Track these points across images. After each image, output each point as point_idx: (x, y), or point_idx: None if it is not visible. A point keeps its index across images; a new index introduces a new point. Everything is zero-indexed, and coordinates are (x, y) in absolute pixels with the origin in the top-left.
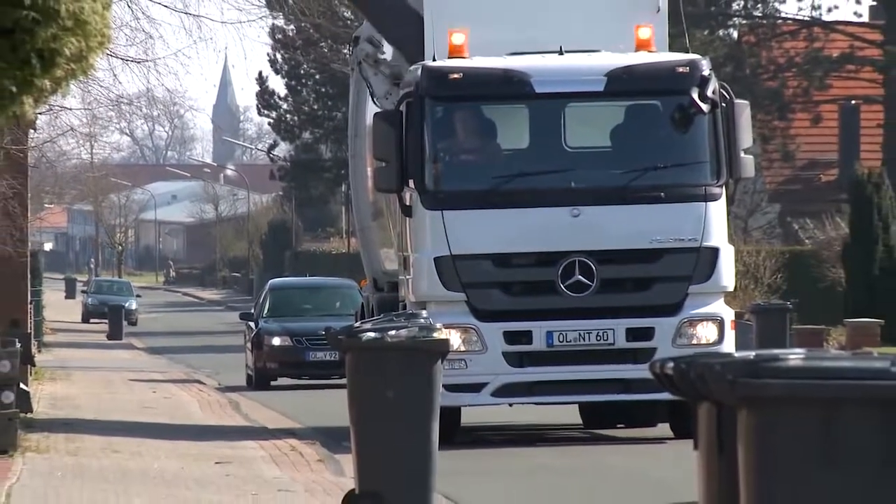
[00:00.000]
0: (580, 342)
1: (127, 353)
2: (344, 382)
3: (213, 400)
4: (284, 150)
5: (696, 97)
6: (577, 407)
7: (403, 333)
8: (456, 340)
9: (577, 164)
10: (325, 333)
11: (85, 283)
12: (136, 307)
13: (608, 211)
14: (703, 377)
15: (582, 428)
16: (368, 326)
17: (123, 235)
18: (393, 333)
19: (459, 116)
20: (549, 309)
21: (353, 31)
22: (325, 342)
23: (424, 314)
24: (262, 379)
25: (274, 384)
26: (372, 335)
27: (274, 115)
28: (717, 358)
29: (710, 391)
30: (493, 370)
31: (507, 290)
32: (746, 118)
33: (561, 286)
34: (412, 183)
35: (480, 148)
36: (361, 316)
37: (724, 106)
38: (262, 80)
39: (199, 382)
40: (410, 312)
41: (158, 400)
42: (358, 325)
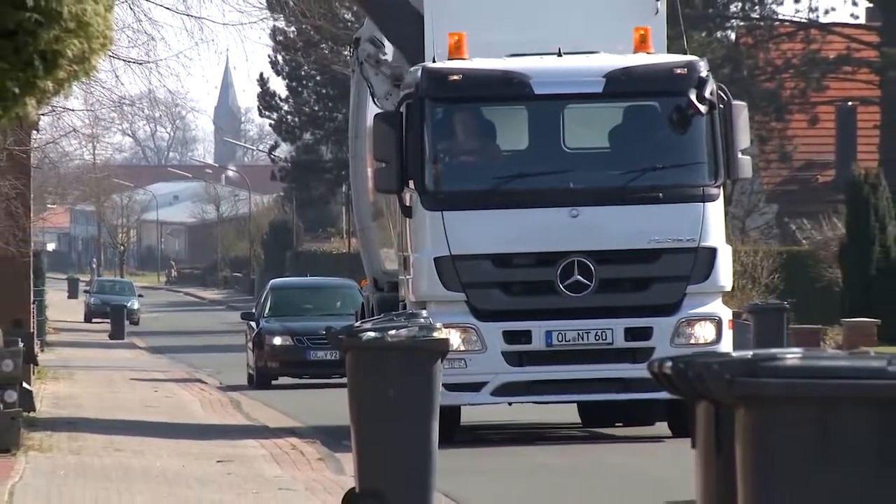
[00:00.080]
0: (579, 342)
1: (129, 352)
2: (344, 382)
3: (214, 399)
4: (285, 151)
5: (694, 98)
6: (575, 406)
7: (403, 333)
8: (456, 340)
9: (575, 164)
10: (325, 333)
11: (87, 283)
12: (138, 307)
13: (607, 211)
14: (701, 376)
15: (581, 427)
16: (369, 326)
17: (125, 236)
18: (393, 333)
19: (459, 117)
20: (548, 309)
21: (353, 32)
22: (325, 342)
23: (424, 314)
24: (263, 378)
25: (275, 383)
26: (372, 335)
27: (275, 116)
28: (714, 357)
29: (707, 390)
30: (492, 369)
31: (506, 289)
32: (744, 119)
33: (560, 286)
34: (412, 184)
35: (480, 149)
36: (362, 315)
37: (721, 107)
38: (263, 81)
39: (200, 382)
40: (410, 312)
41: (160, 399)
42: (358, 324)
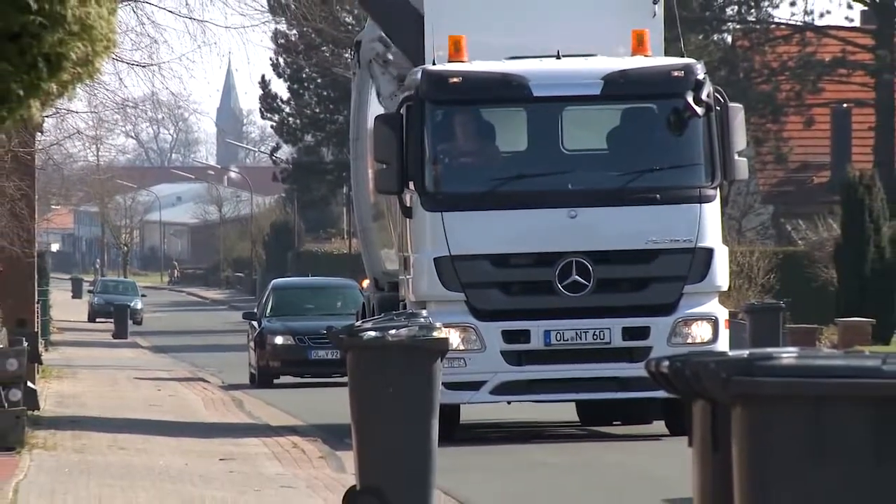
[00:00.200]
0: (577, 341)
1: (132, 351)
2: (345, 380)
3: (216, 398)
4: (287, 152)
5: (691, 101)
6: (574, 405)
7: (404, 332)
8: (455, 339)
9: (574, 166)
10: (326, 332)
11: (91, 283)
12: (141, 307)
13: (605, 212)
14: (697, 375)
15: (579, 425)
16: (369, 325)
17: (129, 236)
18: (393, 332)
19: (459, 119)
20: (546, 308)
21: (354, 35)
22: (326, 341)
23: (424, 313)
24: (265, 377)
25: (277, 382)
26: (373, 334)
27: (276, 118)
28: (711, 356)
29: (704, 389)
30: (491, 368)
31: (505, 289)
32: (740, 121)
33: (558, 286)
34: (412, 185)
35: (479, 150)
36: (362, 315)
37: (718, 109)
38: (264, 83)
39: (203, 380)
40: (411, 312)
41: (163, 398)
42: (359, 324)
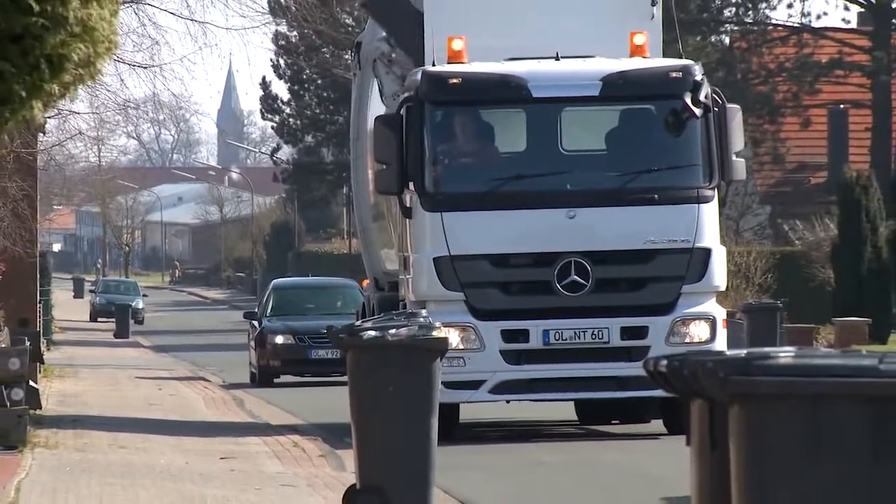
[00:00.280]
0: (576, 340)
1: (133, 351)
2: (345, 380)
3: (217, 397)
4: (287, 153)
5: (689, 102)
6: (572, 403)
7: (403, 332)
8: (455, 339)
9: (573, 166)
10: (326, 332)
11: (93, 282)
12: (142, 306)
13: (603, 212)
14: (695, 374)
15: (577, 424)
16: (369, 325)
17: (130, 236)
18: (393, 332)
19: (458, 120)
20: (545, 308)
21: (354, 37)
22: (327, 340)
23: (424, 313)
24: (265, 376)
25: (277, 381)
26: (373, 334)
27: (277, 119)
28: (709, 356)
29: (702, 388)
30: (490, 368)
31: (504, 289)
32: (738, 122)
33: (557, 286)
34: (412, 185)
35: (479, 151)
36: (362, 315)
37: (716, 110)
38: (265, 84)
39: (203, 380)
40: (410, 311)
41: (164, 397)
42: (359, 323)
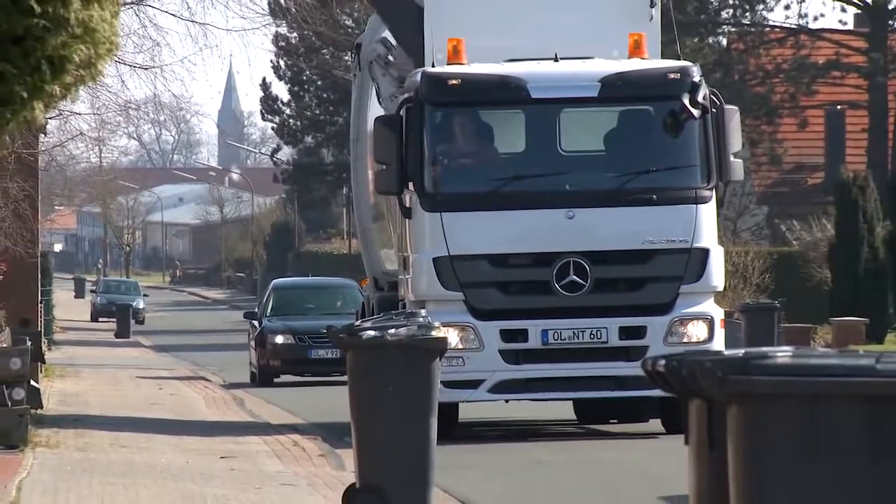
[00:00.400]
0: (574, 340)
1: (134, 350)
2: (345, 379)
3: (217, 396)
4: (287, 153)
5: (687, 103)
6: (571, 403)
7: (403, 332)
8: (454, 338)
9: (571, 167)
10: (326, 332)
11: (94, 283)
12: (143, 306)
13: (602, 213)
14: (693, 374)
15: (576, 423)
16: (369, 325)
17: (131, 237)
18: (393, 332)
19: (458, 121)
20: (544, 308)
21: (354, 38)
22: (326, 340)
23: (423, 313)
24: (265, 376)
25: (277, 381)
26: (372, 333)
27: (277, 119)
28: (707, 355)
29: (700, 388)
30: (489, 367)
31: (503, 289)
32: (736, 123)
33: (556, 286)
34: (412, 185)
35: (478, 152)
36: (362, 315)
37: (714, 111)
38: (265, 85)
39: (204, 379)
40: (410, 311)
41: (165, 396)
42: (359, 323)
